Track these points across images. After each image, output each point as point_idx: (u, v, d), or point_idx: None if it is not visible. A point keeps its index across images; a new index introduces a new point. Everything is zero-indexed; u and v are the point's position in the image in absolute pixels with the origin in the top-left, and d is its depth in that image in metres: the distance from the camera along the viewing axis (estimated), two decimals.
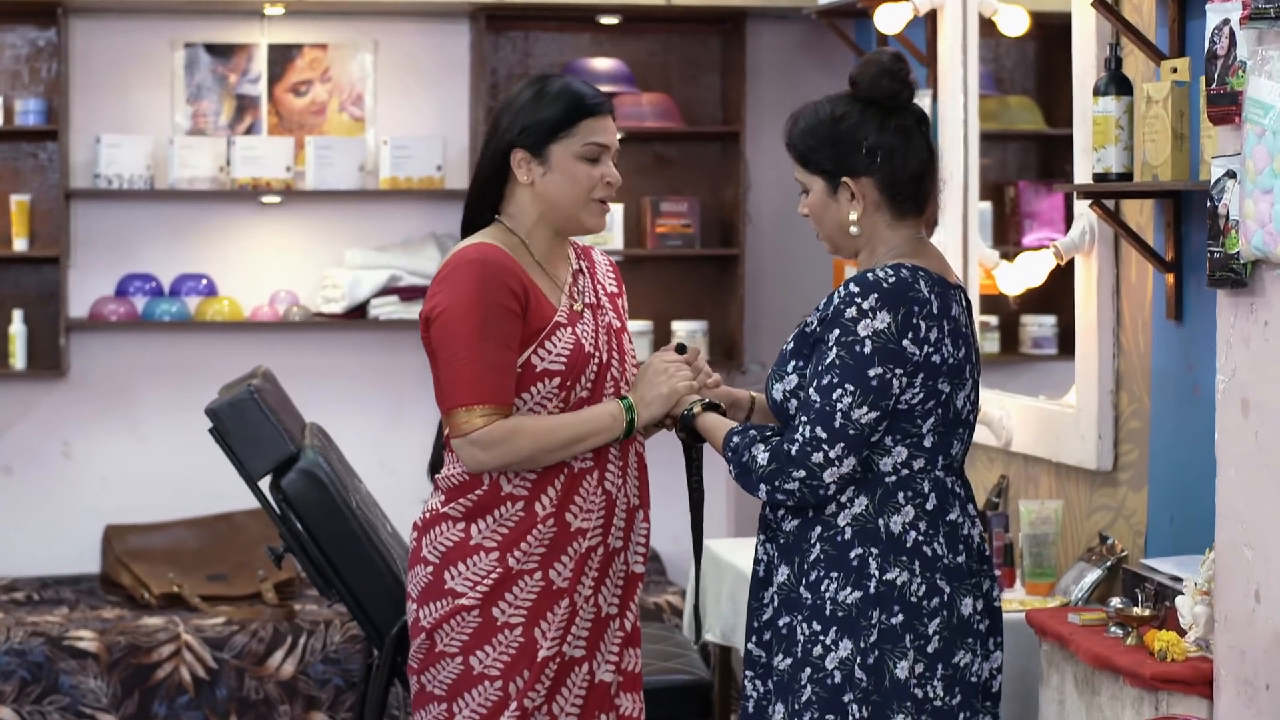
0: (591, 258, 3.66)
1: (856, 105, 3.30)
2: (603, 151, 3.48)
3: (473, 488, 3.47)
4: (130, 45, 6.65)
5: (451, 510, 3.48)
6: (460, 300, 3.39)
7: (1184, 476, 4.20)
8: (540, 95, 3.46)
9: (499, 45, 6.78)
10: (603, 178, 3.48)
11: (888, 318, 3.18)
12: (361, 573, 4.05)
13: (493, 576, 3.44)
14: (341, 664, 6.06)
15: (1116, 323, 4.52)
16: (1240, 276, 3.16)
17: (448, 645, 3.47)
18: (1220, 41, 3.18)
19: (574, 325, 3.48)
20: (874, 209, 3.32)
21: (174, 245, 6.69)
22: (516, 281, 3.42)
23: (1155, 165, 4.06)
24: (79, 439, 6.68)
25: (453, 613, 3.45)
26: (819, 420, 3.18)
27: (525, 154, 3.46)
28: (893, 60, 3.29)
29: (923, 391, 3.23)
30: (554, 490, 3.46)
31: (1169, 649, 3.57)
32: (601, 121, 3.48)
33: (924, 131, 3.32)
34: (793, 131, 3.35)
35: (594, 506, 3.49)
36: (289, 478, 4.04)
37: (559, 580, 3.46)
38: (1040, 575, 4.59)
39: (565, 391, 3.46)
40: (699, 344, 6.65)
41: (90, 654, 5.94)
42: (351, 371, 6.77)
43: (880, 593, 3.22)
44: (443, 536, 3.48)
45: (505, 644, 3.45)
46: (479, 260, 3.42)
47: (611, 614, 3.55)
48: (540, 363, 3.43)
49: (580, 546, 3.48)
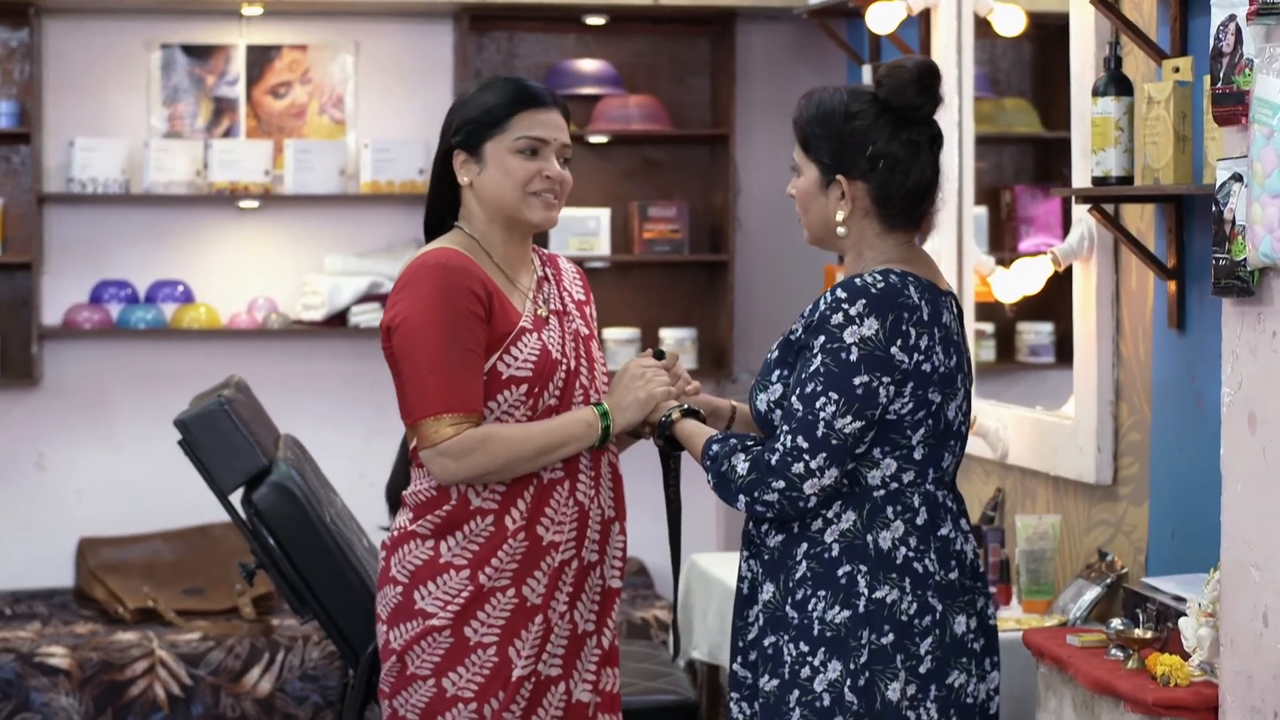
0: (558, 265, 3.65)
1: (874, 106, 3.26)
2: (540, 145, 3.45)
3: (440, 503, 3.44)
4: (105, 46, 6.67)
5: (420, 528, 3.45)
6: (422, 307, 3.37)
7: (1186, 491, 4.20)
8: (478, 92, 3.47)
9: (483, 46, 6.82)
10: (540, 171, 3.45)
11: (875, 324, 3.15)
12: (335, 590, 4.02)
13: (464, 595, 3.41)
14: (320, 681, 6.07)
15: (1116, 332, 4.52)
16: (1247, 285, 3.12)
17: (419, 667, 3.44)
18: (1225, 38, 3.15)
19: (540, 331, 3.47)
20: (862, 215, 3.30)
21: (150, 251, 6.69)
22: (479, 285, 3.40)
23: (1156, 168, 4.05)
24: (52, 450, 6.69)
25: (423, 634, 3.42)
26: (801, 429, 3.15)
27: (464, 154, 3.46)
28: (924, 71, 3.25)
29: (912, 401, 3.20)
30: (524, 502, 3.44)
31: (1172, 673, 3.54)
32: (539, 115, 3.45)
33: (934, 151, 3.29)
34: (804, 111, 3.32)
35: (566, 518, 3.46)
36: (260, 491, 4.02)
37: (532, 597, 3.43)
38: (1037, 592, 4.58)
39: (533, 399, 3.43)
40: (687, 351, 6.71)
41: (62, 671, 5.95)
42: (332, 380, 6.80)
43: (870, 611, 3.19)
44: (411, 555, 3.45)
45: (478, 665, 3.42)
46: (440, 265, 3.40)
47: (588, 630, 3.52)
48: (506, 369, 3.41)
49: (553, 561, 3.45)
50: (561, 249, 6.62)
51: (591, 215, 6.71)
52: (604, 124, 6.72)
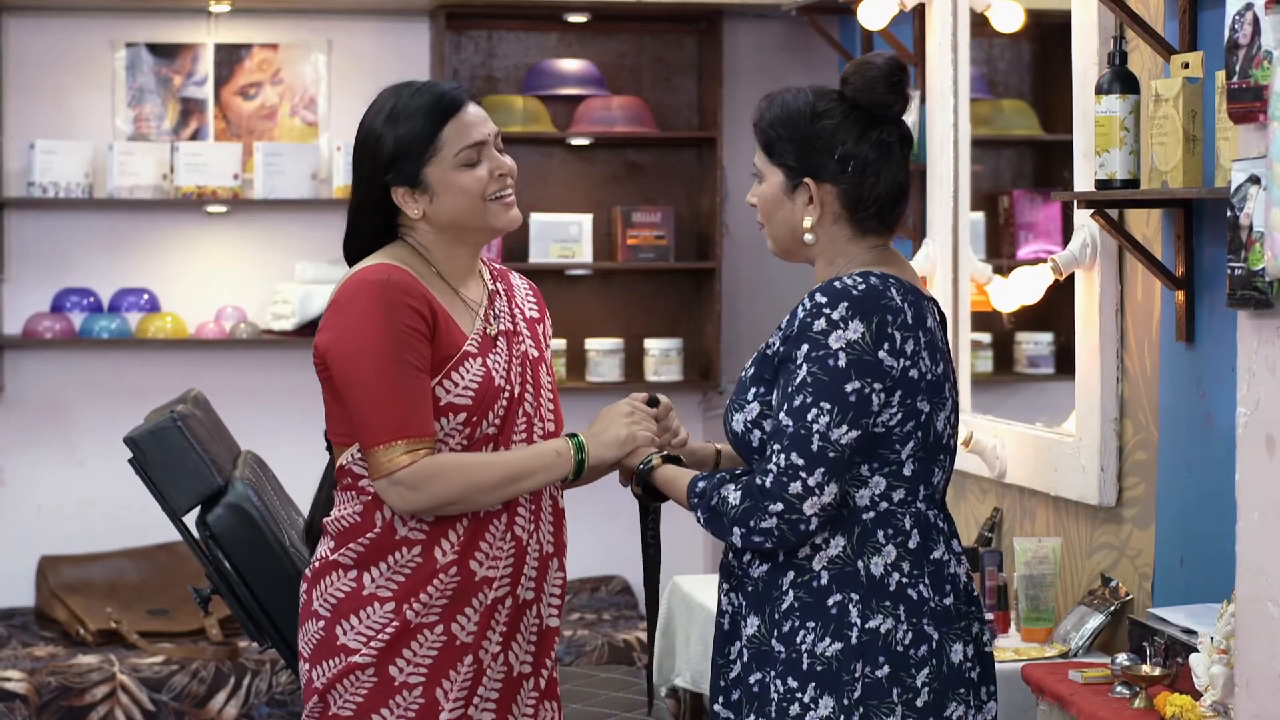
0: (509, 280, 3.55)
1: (841, 106, 3.22)
2: (480, 148, 3.35)
3: (363, 530, 3.33)
4: (68, 45, 6.67)
5: (342, 557, 3.34)
6: (364, 328, 3.25)
7: (1195, 515, 4.16)
8: (390, 122, 3.31)
9: (460, 46, 6.86)
10: (492, 173, 3.35)
11: (860, 327, 3.08)
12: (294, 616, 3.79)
13: (388, 630, 3.29)
14: (288, 707, 6.04)
15: (1120, 344, 4.49)
16: (1265, 296, 3.01)
17: (342, 708, 3.32)
18: (1242, 29, 3.03)
19: (485, 355, 3.36)
20: (832, 220, 3.24)
21: (114, 258, 6.69)
22: (423, 303, 3.29)
23: (1164, 171, 4.01)
24: (12, 464, 6.69)
25: (346, 671, 3.30)
26: (794, 446, 3.06)
27: (404, 189, 3.33)
28: (891, 68, 3.21)
29: (901, 411, 3.11)
30: (455, 535, 3.32)
31: (1183, 714, 3.49)
32: (463, 117, 3.33)
33: (905, 153, 3.25)
34: (765, 114, 3.29)
35: (502, 554, 3.35)
36: (215, 513, 3.90)
37: (462, 635, 3.32)
38: (1037, 620, 4.51)
39: (470, 428, 3.32)
40: (672, 362, 6.79)
41: (18, 695, 5.93)
42: (303, 393, 6.67)
43: (863, 643, 3.10)
44: (333, 587, 3.34)
45: (404, 706, 3.30)
46: (380, 282, 3.27)
47: (524, 673, 3.40)
48: (445, 395, 3.29)
49: (486, 598, 3.33)
50: (542, 256, 6.58)
51: (573, 221, 6.74)
52: (586, 126, 6.76)
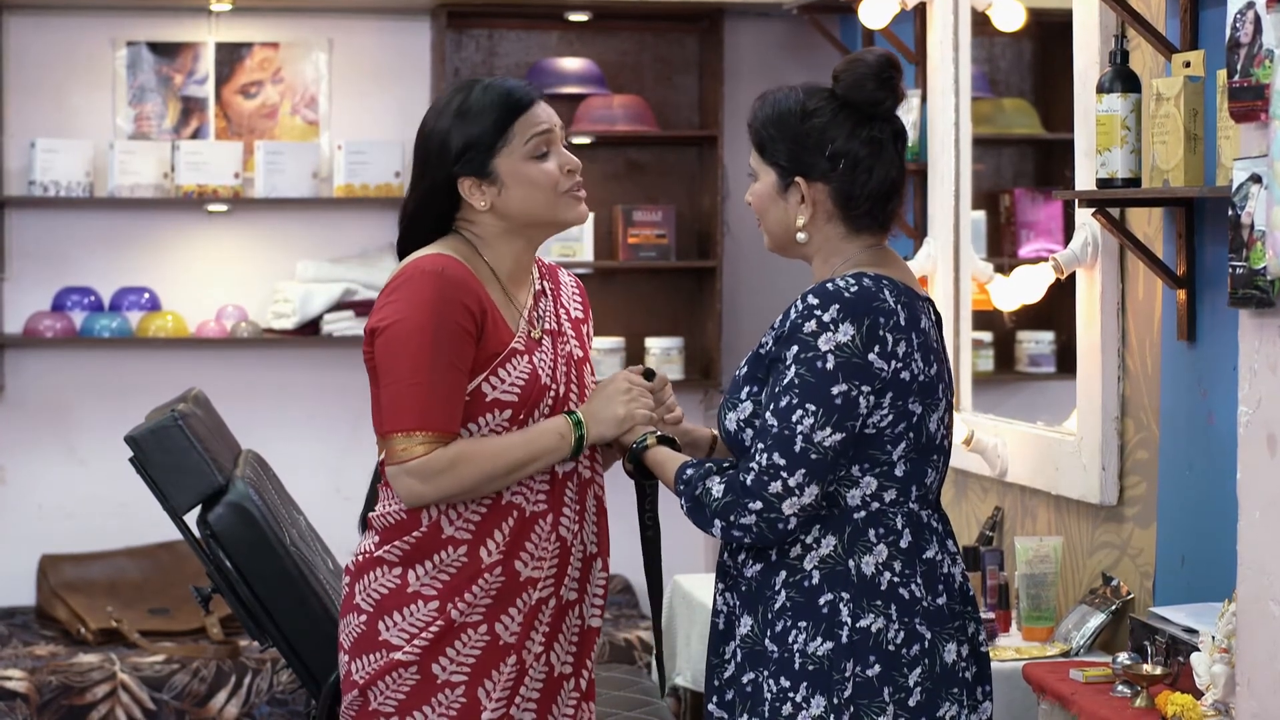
0: (557, 278, 3.56)
1: (832, 103, 3.22)
2: (549, 140, 3.37)
3: (410, 528, 3.33)
4: (69, 44, 6.64)
5: (387, 554, 3.33)
6: (412, 315, 3.25)
7: (1197, 514, 4.15)
8: (462, 111, 3.35)
9: (461, 44, 6.82)
10: (562, 168, 3.37)
11: (851, 330, 3.08)
12: (296, 615, 3.91)
13: (432, 629, 3.30)
14: (288, 706, 6.03)
15: (1122, 344, 4.48)
16: (1267, 295, 3.01)
17: (382, 704, 3.32)
18: (1244, 28, 3.04)
19: (531, 353, 3.36)
20: (825, 218, 3.24)
21: (114, 257, 6.68)
22: (474, 300, 3.29)
23: (1166, 170, 3.99)
24: (13, 463, 6.67)
25: (388, 668, 3.31)
26: (776, 445, 3.07)
27: (472, 179, 3.34)
28: (882, 64, 3.21)
29: (892, 413, 3.12)
30: (501, 535, 3.32)
31: (1184, 713, 3.47)
32: (534, 112, 3.37)
33: (898, 149, 3.25)
34: (757, 113, 3.28)
35: (547, 554, 3.36)
36: (216, 512, 3.91)
37: (506, 635, 3.32)
38: (1038, 619, 4.50)
39: (516, 425, 3.33)
40: (673, 360, 6.76)
41: (19, 695, 5.91)
42: (304, 392, 6.81)
43: (854, 642, 3.10)
44: (378, 582, 3.34)
45: (446, 704, 3.30)
46: (436, 273, 3.27)
47: (565, 674, 3.40)
48: (491, 391, 3.30)
49: (530, 598, 3.34)
50: (543, 254, 6.50)
51: None
52: (587, 125, 6.74)
